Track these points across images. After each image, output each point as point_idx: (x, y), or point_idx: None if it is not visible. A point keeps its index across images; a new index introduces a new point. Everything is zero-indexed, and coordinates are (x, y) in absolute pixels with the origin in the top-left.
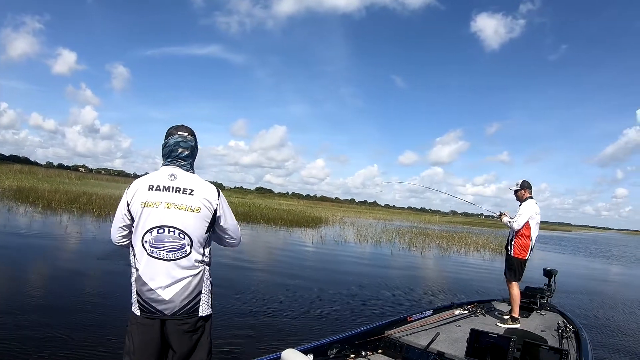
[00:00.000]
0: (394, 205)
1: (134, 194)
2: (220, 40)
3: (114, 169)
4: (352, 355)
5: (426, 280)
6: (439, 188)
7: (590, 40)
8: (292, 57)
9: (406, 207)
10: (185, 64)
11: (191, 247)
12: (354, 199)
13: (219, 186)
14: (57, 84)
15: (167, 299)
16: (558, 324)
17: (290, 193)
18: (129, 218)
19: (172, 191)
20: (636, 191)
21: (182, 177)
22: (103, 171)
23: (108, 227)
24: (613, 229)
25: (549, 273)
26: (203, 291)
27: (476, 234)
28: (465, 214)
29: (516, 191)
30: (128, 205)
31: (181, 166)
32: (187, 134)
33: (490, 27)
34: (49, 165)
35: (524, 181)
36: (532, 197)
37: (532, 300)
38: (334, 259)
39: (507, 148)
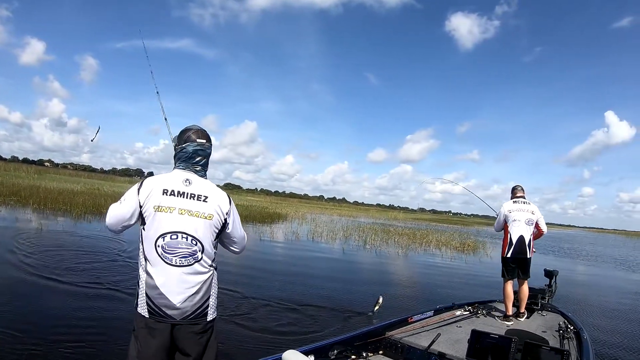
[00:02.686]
0: (362, 202)
1: (148, 196)
2: (193, 34)
3: (81, 163)
4: (353, 357)
5: (365, 285)
6: (407, 185)
7: (563, 43)
8: (264, 52)
9: (375, 203)
10: (156, 58)
11: (202, 253)
12: (322, 196)
13: None
14: (24, 74)
15: (177, 304)
16: (559, 324)
17: (259, 189)
18: (137, 217)
19: (187, 197)
20: (602, 190)
21: (197, 183)
22: (69, 166)
23: (35, 220)
24: (579, 227)
25: (549, 274)
26: (211, 296)
27: (440, 232)
28: (434, 211)
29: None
30: (140, 206)
31: (196, 171)
32: (205, 141)
33: (464, 26)
34: (14, 160)
35: (512, 187)
36: (520, 198)
37: (533, 301)
38: (275, 258)
39: (478, 147)
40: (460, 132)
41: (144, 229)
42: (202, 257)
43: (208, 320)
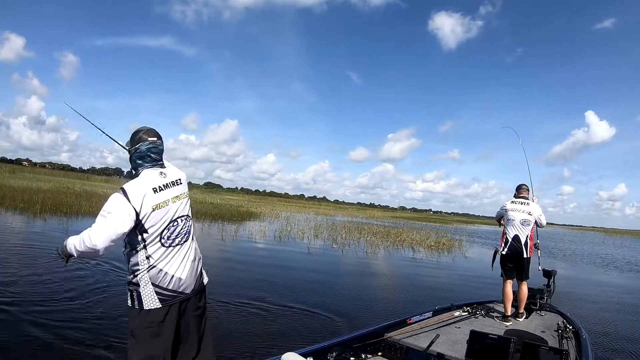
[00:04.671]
0: (343, 201)
1: (143, 201)
2: (174, 31)
3: (60, 162)
4: (352, 358)
5: (317, 284)
6: (388, 184)
7: (545, 43)
8: (245, 51)
9: (356, 202)
10: (136, 55)
11: (192, 226)
12: (303, 195)
13: None
14: (2, 71)
15: (185, 278)
16: (558, 324)
17: (239, 188)
18: (132, 225)
19: (170, 186)
20: (581, 189)
21: (168, 172)
22: (47, 165)
23: None
24: (558, 225)
25: (548, 273)
26: (200, 260)
27: (416, 230)
28: (414, 210)
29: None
30: (137, 213)
31: (161, 165)
32: (156, 139)
33: (448, 26)
34: None
35: (517, 186)
36: (521, 197)
37: (531, 301)
38: (222, 262)
39: (458, 146)
40: (442, 132)
41: (145, 231)
42: (192, 230)
43: (204, 283)
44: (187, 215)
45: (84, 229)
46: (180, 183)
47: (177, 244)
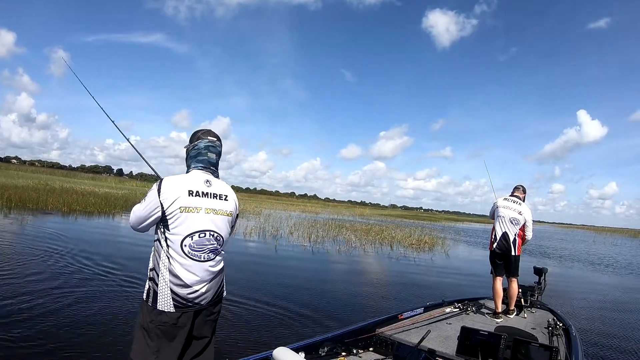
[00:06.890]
0: (334, 199)
1: (172, 198)
2: (165, 28)
3: (50, 160)
4: (343, 354)
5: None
6: (379, 182)
7: (539, 43)
8: (236, 48)
9: (347, 200)
10: (126, 52)
11: (222, 245)
12: (294, 192)
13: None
14: None
15: (204, 291)
16: (548, 321)
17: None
18: (157, 216)
19: (210, 197)
20: (572, 187)
21: (216, 184)
22: (37, 163)
23: None
24: (548, 222)
25: (539, 271)
26: (224, 276)
27: (401, 227)
28: (405, 208)
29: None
30: (163, 207)
31: (212, 172)
32: (216, 139)
33: (442, 24)
34: None
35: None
36: (514, 196)
37: (522, 298)
38: None
39: (450, 144)
40: (434, 130)
41: (167, 229)
42: (222, 249)
43: (223, 297)
44: (219, 234)
45: (45, 224)
46: (226, 200)
47: (201, 260)
